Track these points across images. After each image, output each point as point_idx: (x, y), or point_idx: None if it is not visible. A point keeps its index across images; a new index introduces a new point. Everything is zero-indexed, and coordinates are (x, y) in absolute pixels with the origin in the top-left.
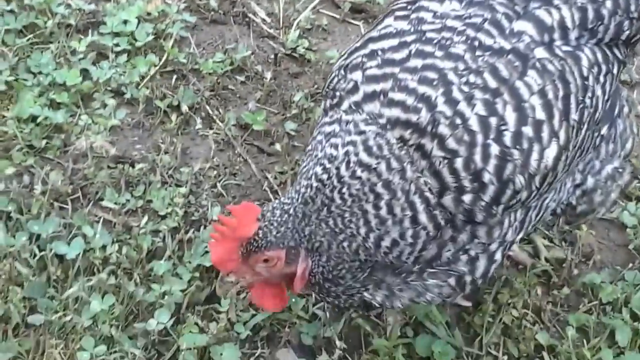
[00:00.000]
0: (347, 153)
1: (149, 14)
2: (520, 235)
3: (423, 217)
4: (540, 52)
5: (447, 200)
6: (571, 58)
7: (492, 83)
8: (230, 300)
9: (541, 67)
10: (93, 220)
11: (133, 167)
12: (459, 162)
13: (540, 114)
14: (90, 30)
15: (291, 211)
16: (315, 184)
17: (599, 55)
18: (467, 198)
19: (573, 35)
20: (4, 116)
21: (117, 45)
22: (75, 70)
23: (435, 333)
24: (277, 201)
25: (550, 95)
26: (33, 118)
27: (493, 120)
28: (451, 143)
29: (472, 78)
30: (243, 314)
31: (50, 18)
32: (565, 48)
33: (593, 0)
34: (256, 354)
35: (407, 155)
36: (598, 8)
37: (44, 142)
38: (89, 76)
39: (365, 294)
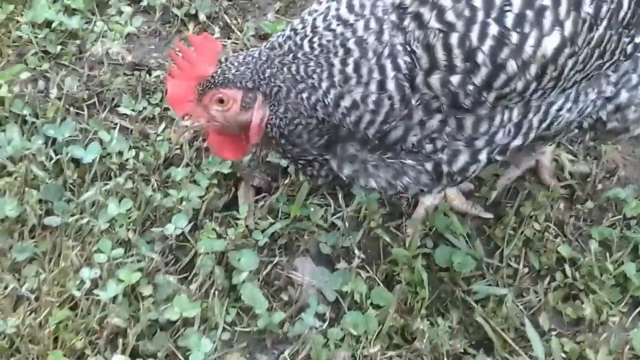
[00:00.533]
0: (328, 7)
1: None
2: (516, 142)
3: (391, 85)
4: None
5: (434, 79)
6: None
7: None
8: (248, 207)
9: None
10: (109, 126)
11: (150, 74)
12: (454, 38)
13: (547, 0)
14: None
15: (255, 54)
16: (287, 33)
17: None
18: (455, 79)
19: None
20: (18, 21)
21: None
22: None
23: (455, 244)
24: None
25: None
26: (48, 23)
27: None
28: (450, 15)
29: None
30: (261, 221)
31: None
32: None
33: None
34: (274, 262)
35: (390, 22)
36: None
37: (59, 47)
38: None
39: (333, 164)
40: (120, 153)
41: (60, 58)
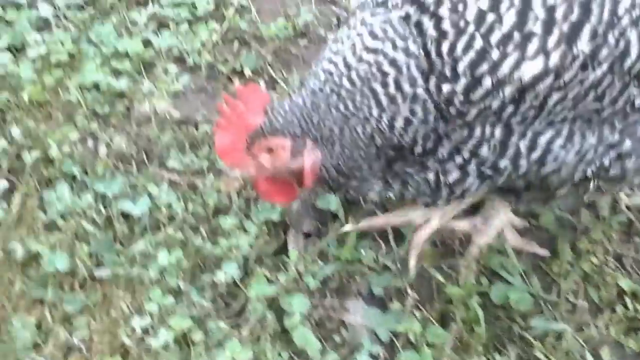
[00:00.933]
0: (352, 43)
1: None
2: (504, 164)
3: (421, 92)
4: None
5: (431, 84)
6: None
7: None
8: (298, 252)
9: None
10: (158, 180)
11: (197, 129)
12: (445, 45)
13: (537, 28)
14: (150, 2)
15: (299, 101)
16: (323, 77)
17: None
18: (445, 87)
19: None
20: (66, 85)
21: (177, 15)
22: (136, 39)
23: (510, 282)
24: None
25: (559, 15)
26: (96, 85)
27: (490, 16)
28: (445, 25)
29: None
30: (312, 265)
31: None
32: None
33: None
34: (326, 304)
35: (409, 32)
36: None
37: (107, 108)
38: (150, 45)
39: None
40: (170, 205)
41: (108, 118)
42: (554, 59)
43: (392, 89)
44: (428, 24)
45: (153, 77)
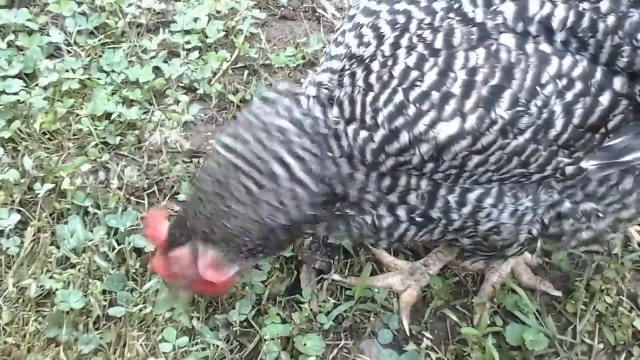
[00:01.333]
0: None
1: (218, 11)
2: (436, 214)
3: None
4: (506, 38)
5: (350, 129)
6: (538, 58)
7: (439, 44)
8: (311, 291)
9: (494, 50)
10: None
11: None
12: (370, 96)
13: (456, 89)
14: (161, 29)
15: (192, 203)
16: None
17: (582, 71)
18: (362, 134)
19: (559, 37)
20: (77, 114)
21: (188, 42)
22: (147, 67)
23: (525, 322)
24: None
25: (479, 78)
26: (107, 115)
27: (414, 74)
28: (372, 78)
29: (426, 33)
30: (325, 304)
31: (121, 18)
32: (541, 46)
33: (595, 9)
34: (340, 345)
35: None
36: (595, 19)
37: (118, 138)
38: (160, 73)
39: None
40: None
41: (119, 148)
42: (470, 121)
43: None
44: (360, 75)
45: (164, 107)
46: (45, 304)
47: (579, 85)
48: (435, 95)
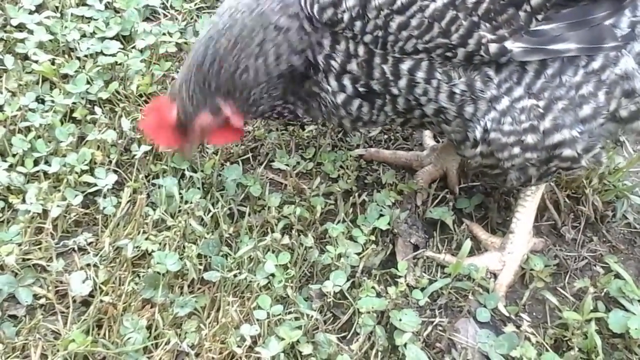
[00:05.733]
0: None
1: None
2: (376, 86)
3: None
4: None
5: None
6: None
7: None
8: (407, 265)
9: None
10: (264, 181)
11: (303, 129)
12: None
13: None
14: None
15: (188, 77)
16: (203, 42)
17: None
18: None
19: None
20: (174, 78)
21: None
22: None
23: (629, 309)
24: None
25: None
26: None
27: None
28: None
29: None
30: (421, 280)
31: None
32: None
33: None
34: (434, 322)
35: None
36: None
37: None
38: None
39: (290, 106)
40: (279, 207)
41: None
42: None
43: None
44: None
45: None
46: (141, 264)
47: None
48: None
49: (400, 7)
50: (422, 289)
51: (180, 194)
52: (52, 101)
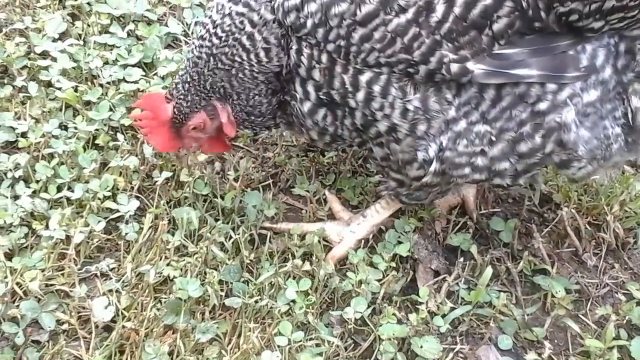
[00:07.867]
0: (221, 6)
1: None
2: (336, 95)
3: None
4: None
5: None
6: None
7: None
8: (428, 291)
9: None
10: (283, 207)
11: (323, 155)
12: None
13: None
14: None
15: (188, 78)
16: (197, 44)
17: None
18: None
19: None
20: None
21: None
22: None
23: None
24: (176, 77)
25: None
26: None
27: None
28: None
29: None
30: (442, 306)
31: None
32: None
33: None
34: (455, 349)
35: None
36: None
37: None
38: None
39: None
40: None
41: (235, 140)
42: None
43: (248, 27)
44: None
45: None
46: (163, 290)
47: None
48: None
49: (363, 19)
50: (443, 316)
51: (201, 219)
52: (75, 128)
